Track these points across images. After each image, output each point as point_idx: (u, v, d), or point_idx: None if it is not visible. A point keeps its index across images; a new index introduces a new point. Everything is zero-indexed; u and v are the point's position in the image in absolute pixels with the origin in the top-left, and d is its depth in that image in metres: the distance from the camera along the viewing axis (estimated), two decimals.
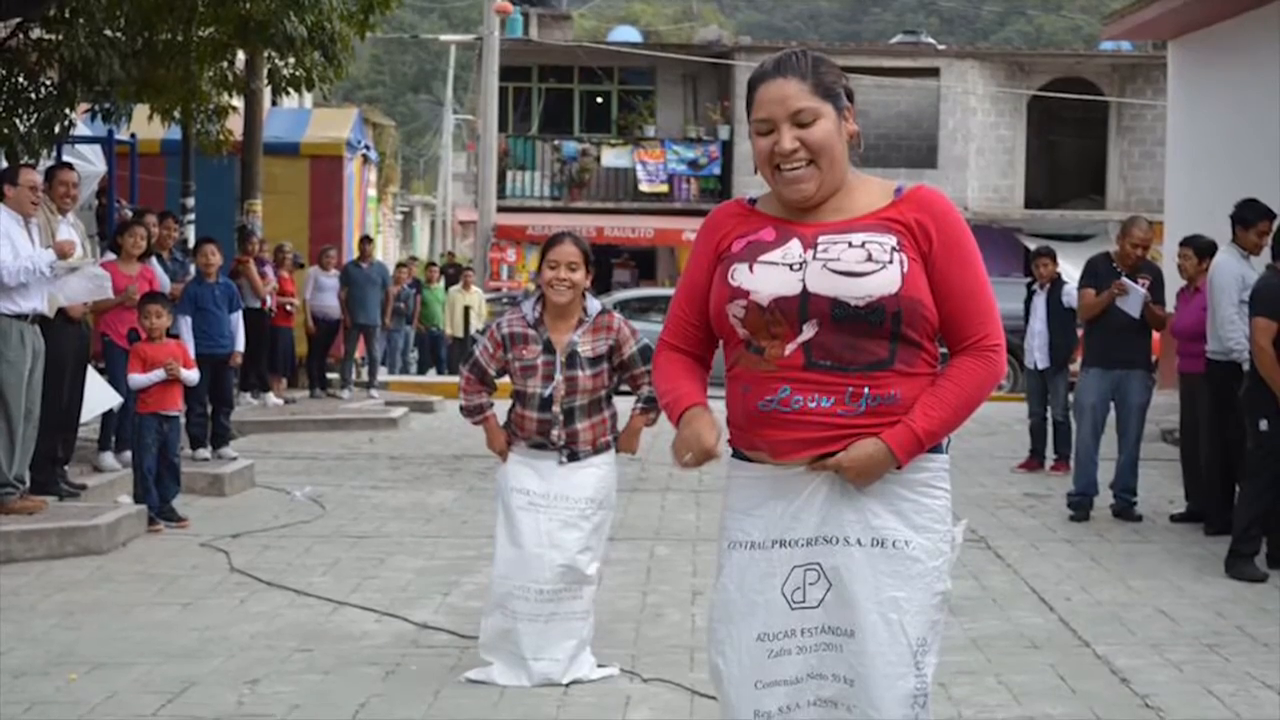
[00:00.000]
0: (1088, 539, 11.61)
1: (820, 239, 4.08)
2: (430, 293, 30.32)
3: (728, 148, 39.65)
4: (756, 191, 4.37)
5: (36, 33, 13.57)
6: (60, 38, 12.86)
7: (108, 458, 13.25)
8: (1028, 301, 15.57)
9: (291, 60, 16.27)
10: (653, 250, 41.08)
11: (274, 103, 23.80)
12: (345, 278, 21.58)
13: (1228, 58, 20.74)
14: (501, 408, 7.43)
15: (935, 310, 4.10)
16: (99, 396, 12.63)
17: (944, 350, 4.21)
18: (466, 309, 29.72)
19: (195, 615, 8.79)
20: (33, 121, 13.39)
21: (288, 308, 20.20)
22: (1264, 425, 10.09)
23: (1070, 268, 16.51)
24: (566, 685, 7.30)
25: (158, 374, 11.50)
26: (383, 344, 24.38)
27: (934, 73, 40.15)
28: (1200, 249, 12.46)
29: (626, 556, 10.57)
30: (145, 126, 18.36)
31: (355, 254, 22.93)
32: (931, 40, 44.69)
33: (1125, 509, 12.44)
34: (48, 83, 13.56)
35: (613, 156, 40.12)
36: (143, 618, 8.71)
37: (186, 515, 11.81)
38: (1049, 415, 15.39)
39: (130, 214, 15.79)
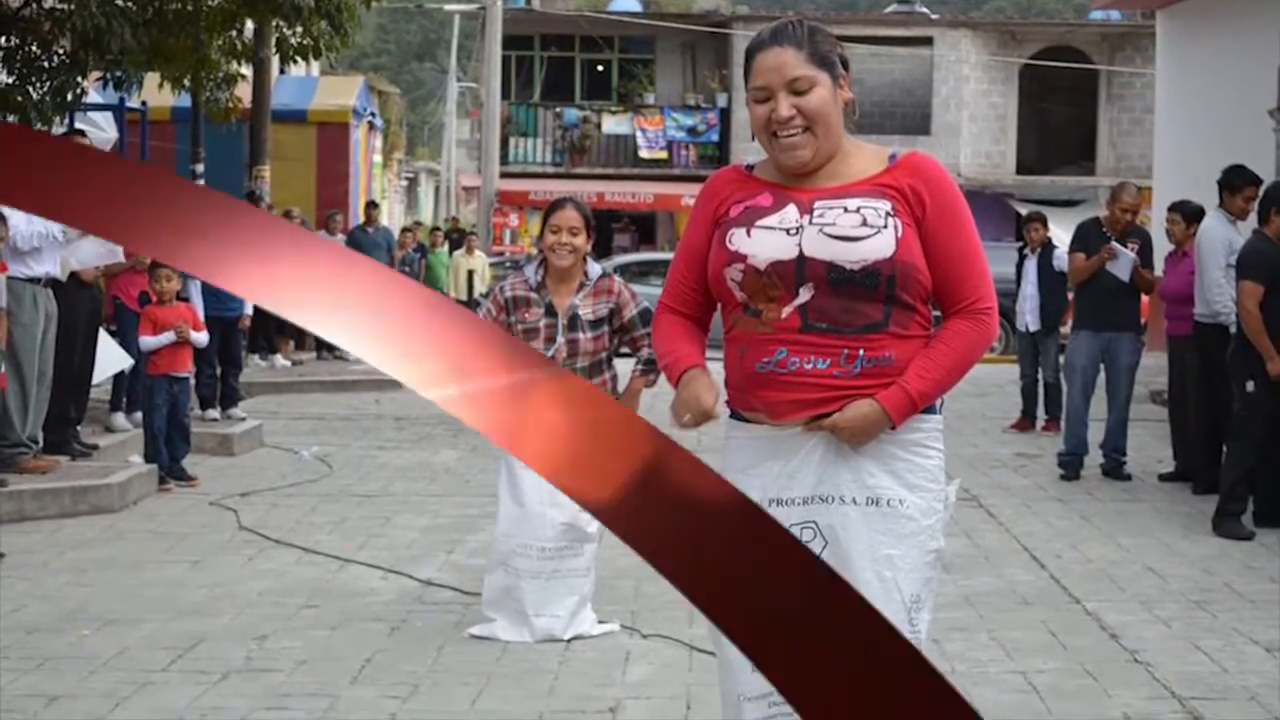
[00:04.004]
0: (1078, 498, 11.71)
1: (816, 204, 4.11)
2: (434, 257, 30.27)
3: (726, 115, 39.51)
4: (754, 158, 4.42)
5: (49, 2, 13.63)
6: (72, 7, 12.91)
7: (119, 418, 13.35)
8: (1019, 265, 15.65)
9: (299, 29, 16.40)
10: (652, 215, 41.03)
11: (282, 71, 23.80)
12: (351, 242, 21.51)
13: (1215, 27, 20.87)
14: None
15: (929, 274, 4.14)
16: (110, 358, 12.71)
17: (938, 313, 4.27)
18: (470, 273, 29.69)
19: (204, 572, 8.86)
20: (46, 89, 13.49)
21: None
22: (1250, 386, 10.18)
23: (1061, 232, 16.61)
24: (568, 641, 7.35)
25: (168, 336, 11.57)
26: None
27: (927, 41, 40.00)
28: (1188, 214, 12.54)
29: None
30: (156, 94, 18.49)
31: (361, 219, 23.04)
32: (925, 10, 44.48)
33: (1115, 468, 12.55)
34: (60, 51, 13.64)
35: (613, 123, 40.04)
36: (153, 575, 8.78)
37: (196, 475, 11.90)
38: (1040, 377, 15.48)
39: None
